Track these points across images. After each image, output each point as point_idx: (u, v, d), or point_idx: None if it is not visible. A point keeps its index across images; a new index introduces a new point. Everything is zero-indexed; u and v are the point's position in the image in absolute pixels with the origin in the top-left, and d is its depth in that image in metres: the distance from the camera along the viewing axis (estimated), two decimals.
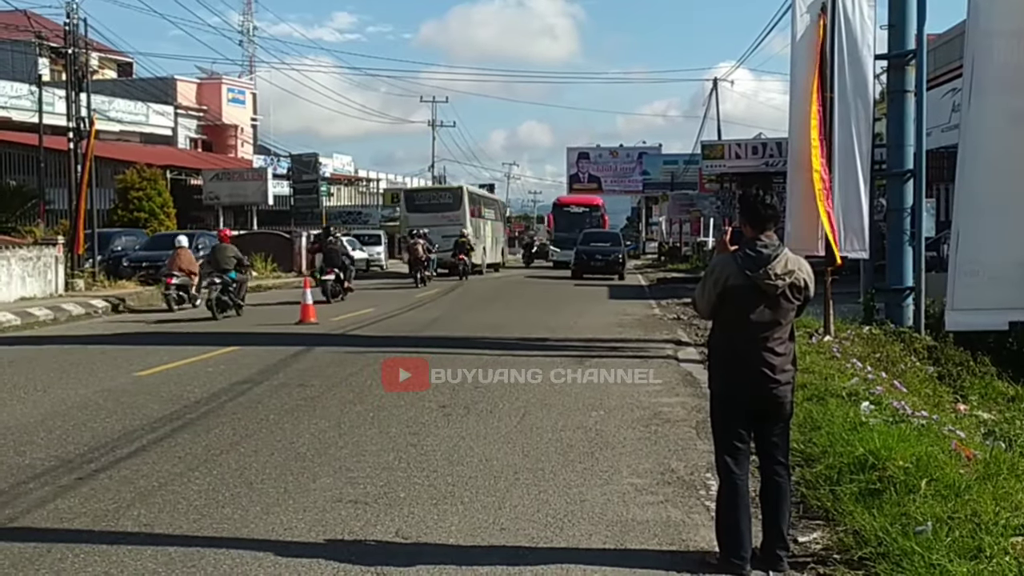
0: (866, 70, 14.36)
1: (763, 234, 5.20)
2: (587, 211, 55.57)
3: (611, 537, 5.80)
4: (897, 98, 16.12)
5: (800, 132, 14.22)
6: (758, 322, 5.13)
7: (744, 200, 5.42)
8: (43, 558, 5.32)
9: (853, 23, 14.09)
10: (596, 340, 16.06)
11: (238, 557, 5.36)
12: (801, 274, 5.20)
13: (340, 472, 7.24)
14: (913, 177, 15.76)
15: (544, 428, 8.87)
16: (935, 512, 5.44)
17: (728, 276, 5.14)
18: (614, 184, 71.73)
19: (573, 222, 52.44)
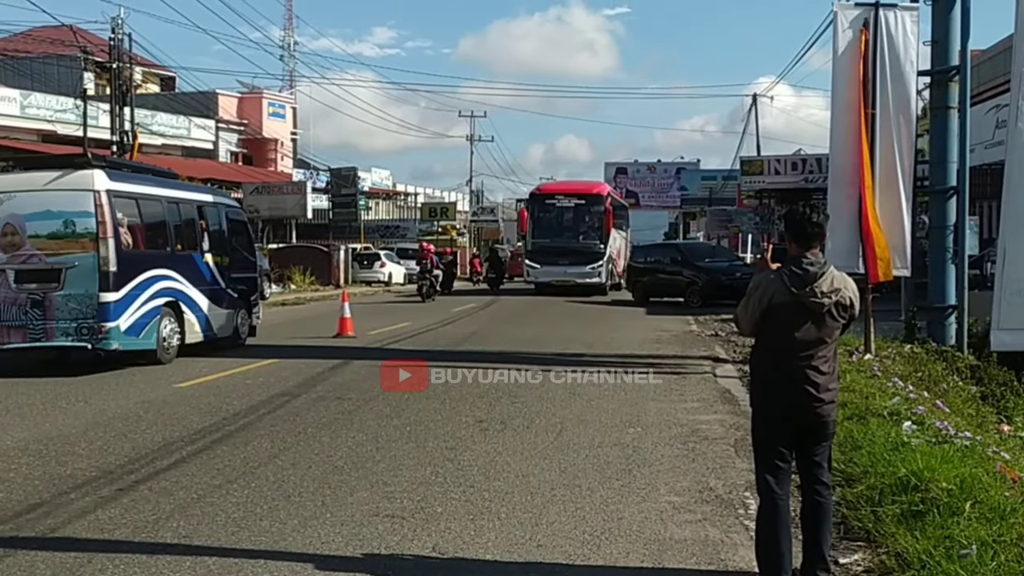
0: (909, 86, 14.24)
1: (809, 251, 5.16)
2: (581, 204, 36.75)
3: (648, 555, 5.75)
4: (940, 114, 15.99)
5: (842, 148, 14.13)
6: (803, 340, 5.09)
7: (791, 217, 5.35)
8: (84, 568, 5.36)
9: (896, 39, 13.98)
10: (633, 356, 15.99)
11: (275, 570, 5.37)
12: (847, 292, 5.16)
13: (377, 486, 7.25)
14: (956, 194, 15.61)
15: (581, 444, 8.83)
16: (980, 535, 5.36)
17: (773, 294, 5.09)
18: (652, 199, 71.47)
19: (560, 223, 36.88)
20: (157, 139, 46.73)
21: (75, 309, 13.32)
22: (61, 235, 13.52)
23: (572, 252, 34.74)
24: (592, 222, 35.92)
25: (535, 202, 37.51)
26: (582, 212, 36.35)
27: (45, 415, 10.10)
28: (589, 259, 34.58)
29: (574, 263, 34.43)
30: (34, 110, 42.29)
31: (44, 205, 13.58)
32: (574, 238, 35.61)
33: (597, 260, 34.64)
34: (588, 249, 34.90)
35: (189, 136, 51.77)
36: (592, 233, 35.39)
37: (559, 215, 36.66)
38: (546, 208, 36.81)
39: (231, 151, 58.55)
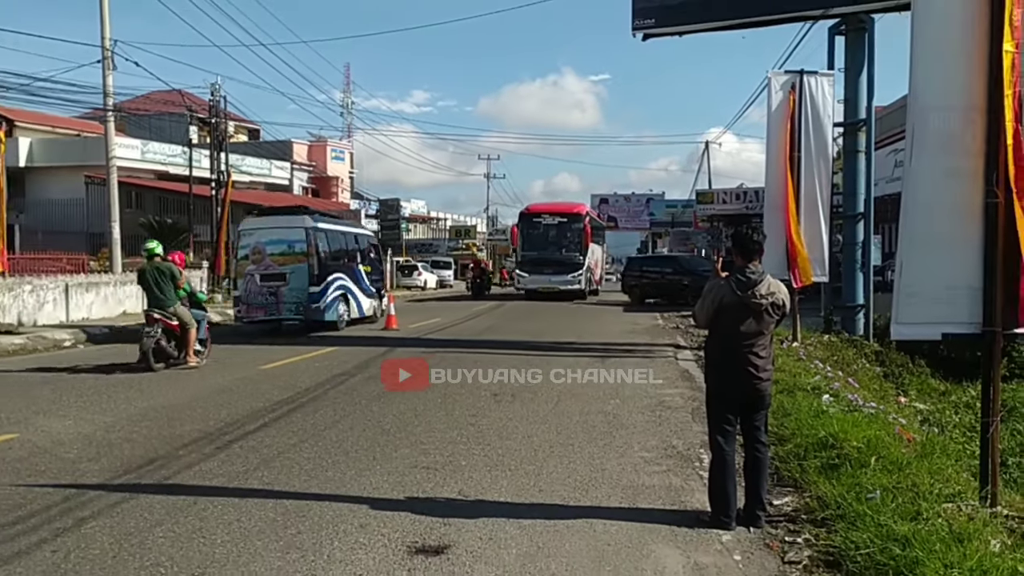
0: (826, 134, 14.26)
1: (751, 263, 5.19)
2: (564, 222, 34.14)
3: (626, 498, 5.75)
4: (851, 156, 16.04)
5: (774, 182, 14.16)
6: (746, 332, 5.12)
7: (737, 236, 5.36)
8: (191, 508, 5.38)
9: (816, 98, 14.01)
10: (613, 344, 15.95)
11: (338, 509, 5.38)
12: (780, 294, 5.19)
13: (415, 445, 7.25)
14: (864, 218, 15.65)
15: (573, 412, 8.82)
16: (882, 483, 5.37)
17: (724, 296, 5.14)
18: (627, 223, 71.41)
19: (546, 237, 33.95)
20: (245, 177, 46.82)
21: (294, 297, 17.52)
22: (286, 253, 17.79)
23: (556, 263, 32.27)
24: (573, 237, 33.26)
25: (524, 220, 34.42)
26: (564, 229, 33.52)
27: (161, 390, 10.13)
28: (570, 269, 32.28)
29: (557, 272, 32.05)
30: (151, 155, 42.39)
31: (277, 236, 17.91)
32: (558, 251, 32.88)
33: (577, 270, 32.42)
34: (569, 260, 32.56)
35: (270, 175, 51.86)
36: (573, 247, 32.99)
37: (545, 231, 33.59)
38: (533, 225, 33.86)
39: (303, 186, 58.65)
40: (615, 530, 5.06)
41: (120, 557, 4.51)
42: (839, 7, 15.46)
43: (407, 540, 4.83)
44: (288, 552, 4.62)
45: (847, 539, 4.60)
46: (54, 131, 46.81)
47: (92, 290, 20.18)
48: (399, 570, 4.40)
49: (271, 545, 4.72)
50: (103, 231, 26.02)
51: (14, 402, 9.23)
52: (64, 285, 19.18)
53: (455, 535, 4.92)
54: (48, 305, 18.45)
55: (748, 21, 16.61)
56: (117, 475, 6.19)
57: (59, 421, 8.17)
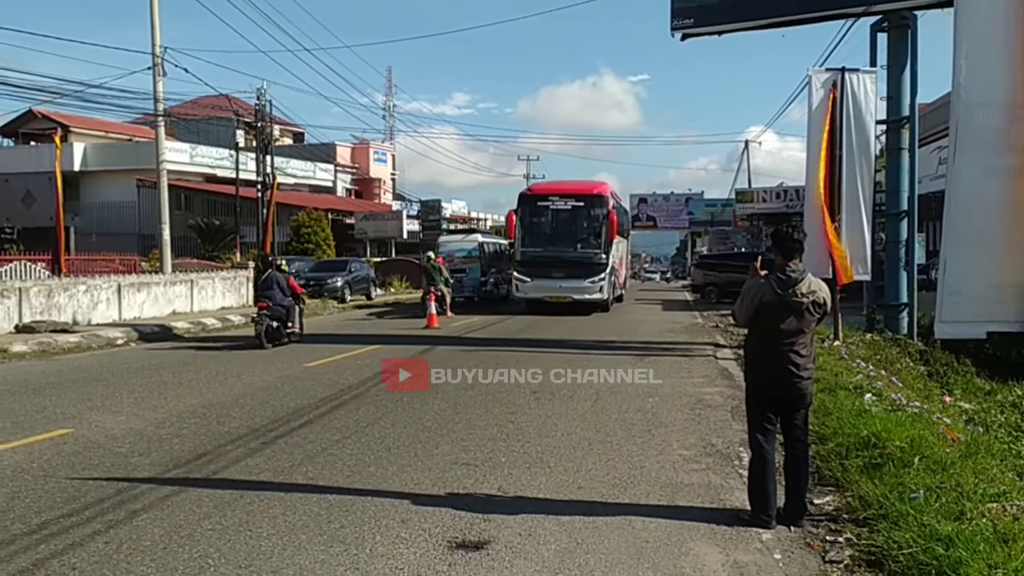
0: (869, 132, 14.03)
1: (791, 262, 5.13)
2: (580, 207, 24.73)
3: (664, 496, 5.71)
4: (894, 154, 15.74)
5: (815, 181, 13.93)
6: (786, 330, 5.06)
7: (777, 235, 5.31)
8: (238, 502, 5.46)
9: (858, 95, 13.79)
10: (652, 342, 15.86)
11: (380, 504, 5.43)
12: (821, 293, 5.13)
13: (456, 441, 7.28)
14: (907, 217, 15.35)
15: (611, 410, 8.79)
16: (926, 483, 5.26)
17: (764, 295, 5.08)
18: (666, 222, 70.92)
19: (555, 228, 24.81)
20: (290, 179, 47.37)
21: (471, 283, 27.94)
22: (466, 257, 28.41)
23: (568, 263, 23.52)
24: (592, 227, 24.26)
25: (525, 204, 24.95)
26: (580, 216, 24.56)
27: (209, 387, 10.30)
28: (589, 271, 23.42)
29: (571, 276, 23.32)
30: (200, 158, 43.13)
31: (461, 246, 29.05)
32: (571, 246, 24.08)
33: (598, 272, 23.48)
34: (587, 259, 23.63)
35: (314, 177, 52.42)
36: (592, 240, 24.07)
37: (553, 219, 24.81)
38: (538, 211, 24.87)
39: (346, 188, 59.21)
40: (654, 527, 5.03)
41: (170, 549, 4.59)
42: (881, 4, 15.17)
43: (447, 535, 4.85)
44: (332, 546, 4.67)
45: (889, 539, 4.53)
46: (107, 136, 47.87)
47: (143, 290, 20.58)
48: (440, 564, 4.42)
49: (315, 539, 4.78)
50: (154, 233, 26.55)
51: (69, 398, 9.45)
52: (117, 285, 19.59)
53: (495, 531, 4.93)
54: (102, 304, 18.86)
55: (788, 19, 16.36)
56: (167, 469, 6.31)
57: (112, 417, 8.35)
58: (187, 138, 45.47)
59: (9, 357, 13.37)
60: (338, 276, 29.09)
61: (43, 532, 4.84)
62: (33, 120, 45.84)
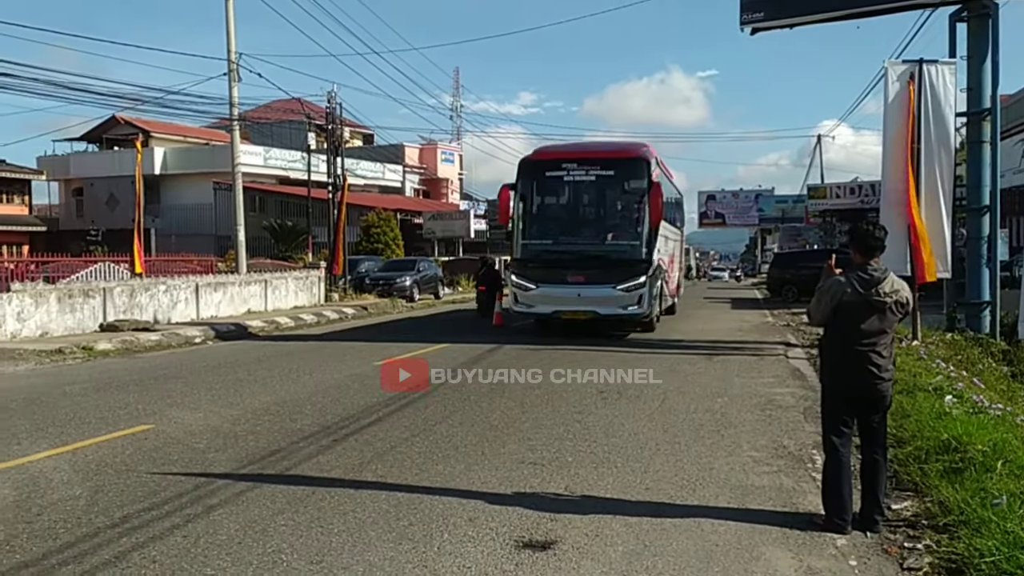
0: (948, 125, 13.55)
1: (872, 260, 4.98)
2: (608, 177, 16.65)
3: (734, 498, 5.61)
4: (975, 147, 15.20)
5: (892, 176, 13.53)
6: (868, 331, 4.90)
7: (856, 232, 5.10)
8: (310, 498, 5.55)
9: (937, 87, 13.34)
10: (720, 342, 15.63)
11: (447, 502, 5.46)
12: (904, 292, 4.97)
13: (523, 440, 7.28)
14: (989, 211, 14.83)
15: (679, 410, 8.69)
16: (1009, 488, 5.05)
17: (844, 294, 4.92)
18: (735, 219, 69.78)
19: (571, 211, 17.53)
20: (360, 180, 48.11)
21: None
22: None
23: (591, 261, 16.04)
24: (627, 208, 16.65)
25: (528, 176, 16.84)
26: (609, 191, 16.94)
27: (282, 385, 10.51)
28: (622, 273, 15.82)
29: (594, 280, 15.82)
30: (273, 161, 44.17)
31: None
32: (595, 237, 16.61)
33: (636, 274, 15.84)
34: (620, 255, 16.10)
35: (383, 178, 53.16)
36: (627, 228, 16.41)
37: (569, 197, 17.25)
38: (547, 186, 16.98)
39: (414, 188, 59.87)
40: (723, 530, 4.94)
41: (245, 543, 4.70)
42: None
43: (514, 534, 4.85)
44: (400, 543, 4.71)
45: (970, 546, 4.36)
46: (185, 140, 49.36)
47: (220, 290, 21.14)
48: (507, 564, 4.42)
49: (384, 536, 4.83)
50: (229, 234, 27.25)
51: (150, 395, 9.77)
52: (195, 285, 20.17)
53: (562, 531, 4.91)
54: (180, 304, 19.45)
55: (864, 11, 15.92)
56: (242, 465, 6.46)
57: (191, 413, 8.59)
58: (261, 141, 46.58)
59: (95, 355, 13.89)
60: (407, 275, 29.42)
61: (125, 525, 5.01)
62: (116, 126, 47.55)
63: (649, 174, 16.20)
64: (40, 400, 9.46)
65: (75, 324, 16.37)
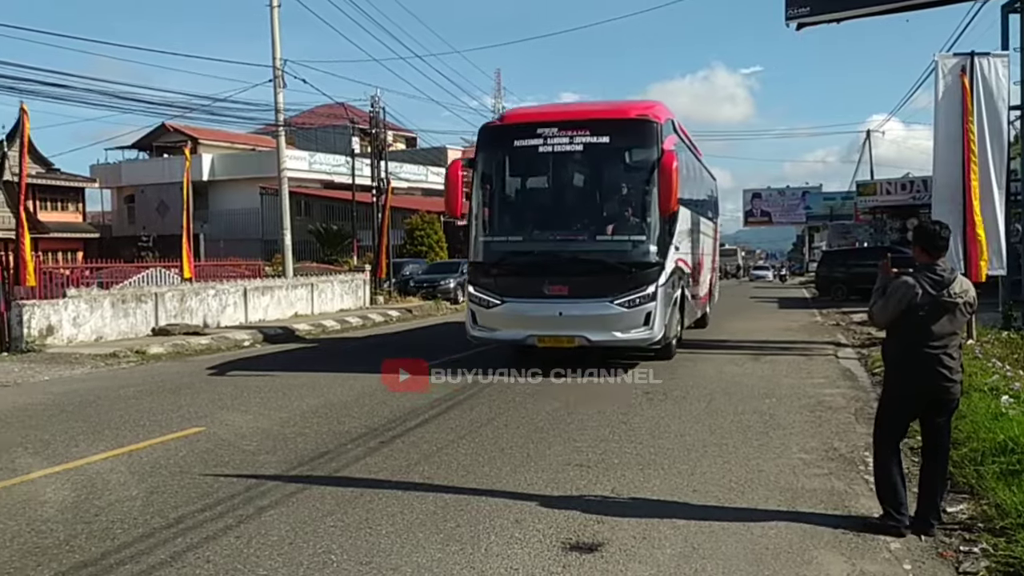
0: (1001, 119, 13.22)
1: (938, 260, 4.88)
2: (600, 146, 11.18)
3: (784, 501, 5.54)
4: None
5: (944, 171, 13.24)
6: (939, 332, 4.80)
7: (923, 231, 4.96)
8: (357, 500, 5.62)
9: (990, 80, 13.02)
10: (768, 342, 15.44)
11: (494, 504, 5.48)
12: (972, 292, 4.90)
13: (568, 442, 7.27)
14: None
15: (726, 411, 8.61)
16: None
17: (914, 296, 4.79)
18: (781, 217, 68.94)
19: (550, 195, 12.04)
20: (404, 184, 48.40)
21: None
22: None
23: (579, 266, 11.20)
24: (629, 190, 11.73)
25: (492, 148, 12.12)
26: (604, 167, 11.95)
27: (330, 388, 10.63)
28: (622, 282, 11.06)
29: (584, 292, 11.11)
30: (318, 165, 44.72)
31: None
32: (585, 231, 11.60)
33: (643, 283, 11.08)
34: (620, 256, 11.21)
35: (426, 180, 53.38)
36: (629, 217, 11.57)
37: (548, 177, 12.15)
38: (516, 161, 12.17)
39: None
40: (773, 533, 4.89)
41: (295, 544, 4.77)
42: None
43: (561, 536, 4.86)
44: (448, 544, 4.75)
45: None
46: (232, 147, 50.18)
47: (267, 294, 21.47)
48: (554, 566, 4.43)
49: (432, 537, 4.87)
50: (276, 238, 27.61)
51: (202, 398, 9.96)
52: (243, 289, 20.51)
53: (608, 533, 4.90)
54: (229, 308, 19.79)
55: (912, 3, 15.62)
56: (292, 467, 6.56)
57: (240, 416, 8.74)
58: (306, 146, 47.18)
59: (147, 359, 14.20)
60: (451, 278, 29.53)
61: (179, 526, 5.12)
62: (166, 134, 48.55)
63: (659, 140, 11.19)
64: (96, 403, 9.70)
65: (128, 328, 16.75)
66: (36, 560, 4.58)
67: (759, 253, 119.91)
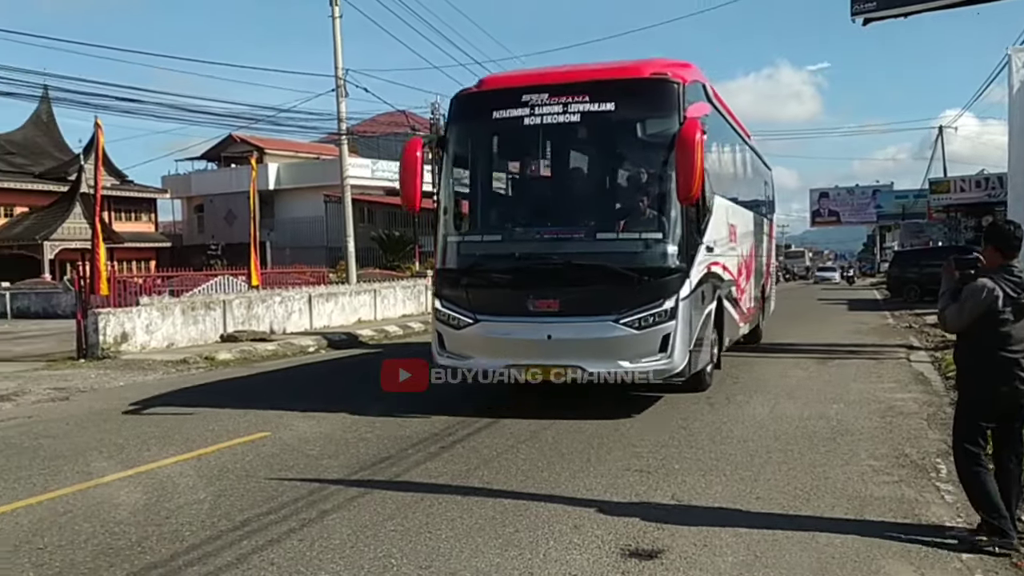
0: None
1: (1013, 261, 4.69)
2: (602, 116, 8.39)
3: (851, 509, 5.42)
4: None
5: (1018, 167, 12.81)
6: (1018, 336, 4.61)
7: (998, 231, 4.77)
8: (418, 504, 5.68)
9: None
10: (836, 345, 15.10)
11: (553, 509, 5.48)
12: None
13: (627, 447, 7.23)
14: None
15: (791, 417, 8.45)
16: None
17: (994, 299, 4.59)
18: (851, 217, 67.32)
19: (539, 181, 9.73)
20: None
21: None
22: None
23: (573, 273, 8.42)
24: (642, 171, 8.97)
25: (465, 122, 9.58)
26: (610, 143, 9.26)
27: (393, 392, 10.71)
28: (631, 293, 8.21)
29: (578, 308, 8.33)
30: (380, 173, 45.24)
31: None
32: (581, 226, 8.77)
33: (659, 294, 8.23)
34: (628, 259, 8.33)
35: None
36: (641, 207, 8.66)
37: (535, 158, 9.71)
38: (495, 138, 9.67)
39: None
40: (840, 543, 4.77)
41: (357, 548, 4.85)
42: None
43: (620, 543, 4.83)
44: (507, 549, 4.77)
45: None
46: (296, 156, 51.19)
47: (331, 300, 21.83)
48: (612, 572, 4.41)
49: (491, 542, 4.89)
50: (340, 245, 28.07)
51: (267, 403, 10.16)
52: (308, 296, 20.90)
53: (668, 539, 4.86)
54: (295, 315, 20.19)
55: None
56: (353, 471, 6.65)
57: (305, 421, 8.90)
58: (368, 154, 47.82)
59: (216, 364, 14.57)
60: None
61: (245, 529, 5.24)
62: (232, 144, 49.75)
63: (680, 106, 8.38)
64: (167, 409, 9.99)
65: (198, 335, 17.21)
66: (109, 561, 4.75)
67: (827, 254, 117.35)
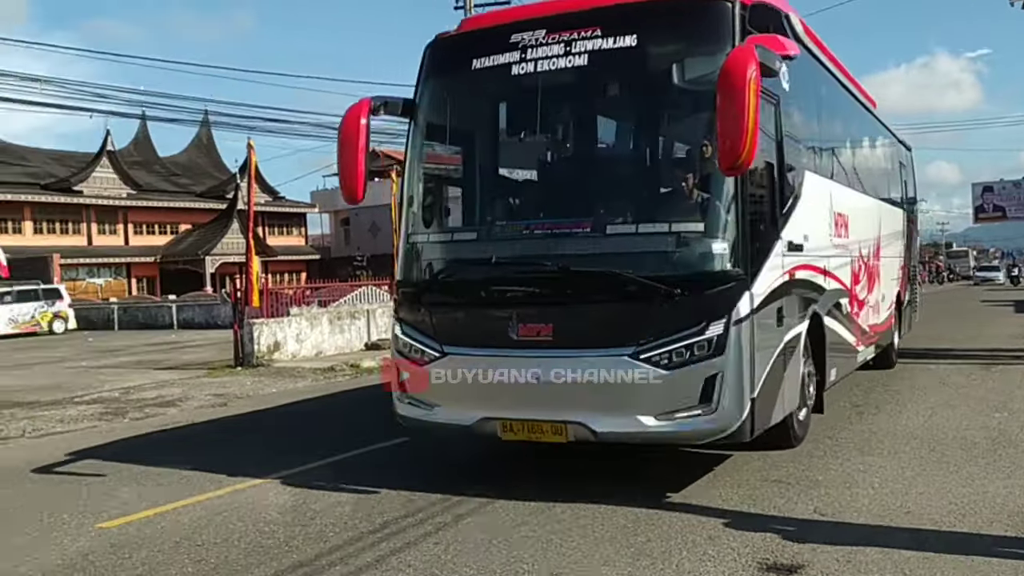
0: None
1: None
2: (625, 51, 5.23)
3: (1012, 526, 5.04)
4: None
5: None
6: None
7: None
8: (551, 510, 5.68)
9: None
10: (999, 350, 14.08)
11: (686, 519, 5.38)
12: None
13: (765, 457, 6.94)
14: None
15: (949, 427, 7.94)
16: None
17: None
18: (1018, 212, 62.68)
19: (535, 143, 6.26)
20: None
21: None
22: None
23: (573, 285, 5.55)
24: (676, 134, 6.01)
25: (438, 77, 6.40)
26: (630, 93, 6.13)
27: None
28: (656, 314, 5.28)
29: (581, 338, 5.50)
30: None
31: None
32: (588, 216, 5.76)
33: (700, 316, 5.23)
34: (651, 264, 5.36)
35: None
36: (671, 182, 5.83)
37: (530, 118, 6.03)
38: (477, 95, 6.44)
39: None
40: (998, 563, 4.45)
41: (489, 552, 4.93)
42: None
43: (758, 556, 4.69)
44: (638, 559, 4.72)
45: None
46: None
47: None
48: None
49: (622, 551, 4.86)
50: None
51: None
52: None
53: (809, 555, 4.67)
54: None
55: None
56: (489, 476, 6.76)
57: None
58: None
59: (361, 372, 15.16)
60: None
61: (384, 531, 5.43)
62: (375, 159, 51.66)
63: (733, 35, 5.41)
64: (317, 414, 10.49)
65: (344, 343, 17.97)
66: (259, 559, 5.03)
67: (993, 252, 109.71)
